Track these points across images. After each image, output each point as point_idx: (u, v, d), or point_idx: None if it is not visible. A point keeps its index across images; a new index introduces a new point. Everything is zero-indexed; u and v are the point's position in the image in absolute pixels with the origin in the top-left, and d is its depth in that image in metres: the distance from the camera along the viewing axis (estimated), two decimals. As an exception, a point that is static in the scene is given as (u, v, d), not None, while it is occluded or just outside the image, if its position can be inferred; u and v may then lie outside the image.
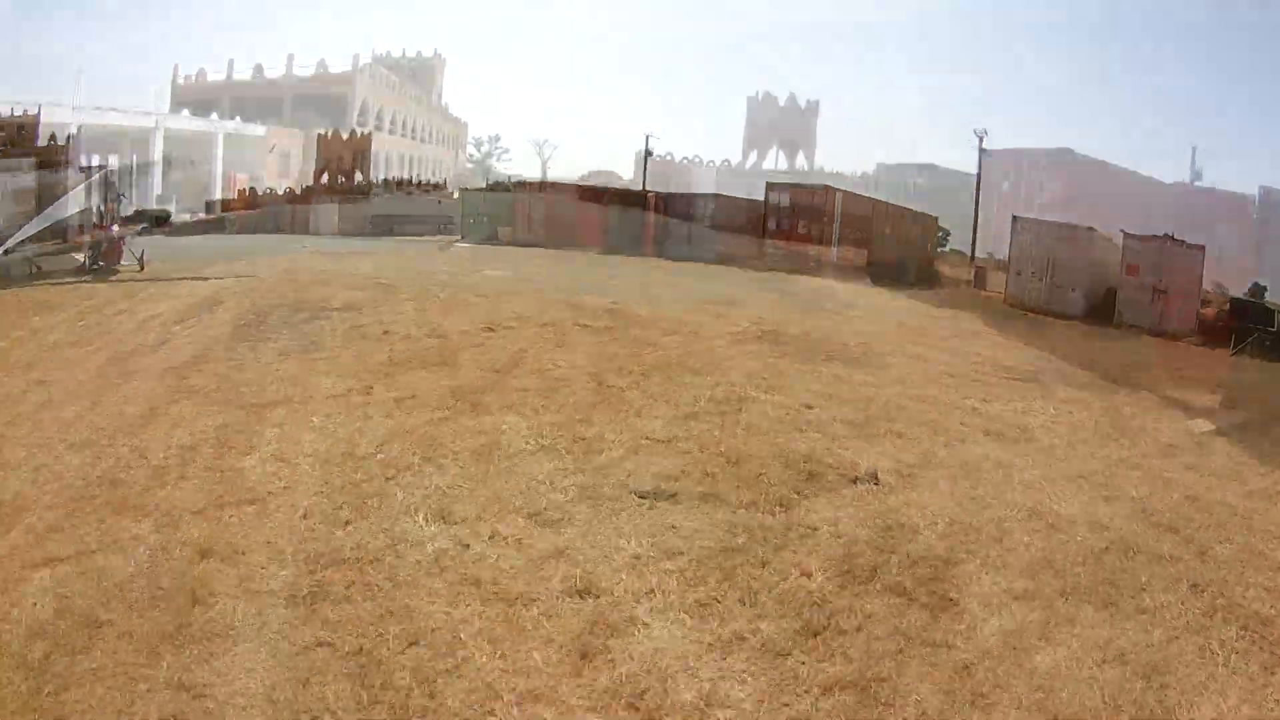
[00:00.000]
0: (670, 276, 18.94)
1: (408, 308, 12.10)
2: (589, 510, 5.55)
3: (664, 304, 14.13)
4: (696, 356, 10.31)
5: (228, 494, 5.58)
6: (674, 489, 5.93)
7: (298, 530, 5.10)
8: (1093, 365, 12.63)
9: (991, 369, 11.54)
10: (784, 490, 6.09)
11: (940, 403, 9.26)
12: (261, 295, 12.55)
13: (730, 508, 5.73)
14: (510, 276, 16.17)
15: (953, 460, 7.29)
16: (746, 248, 22.68)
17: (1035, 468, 7.30)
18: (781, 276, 20.62)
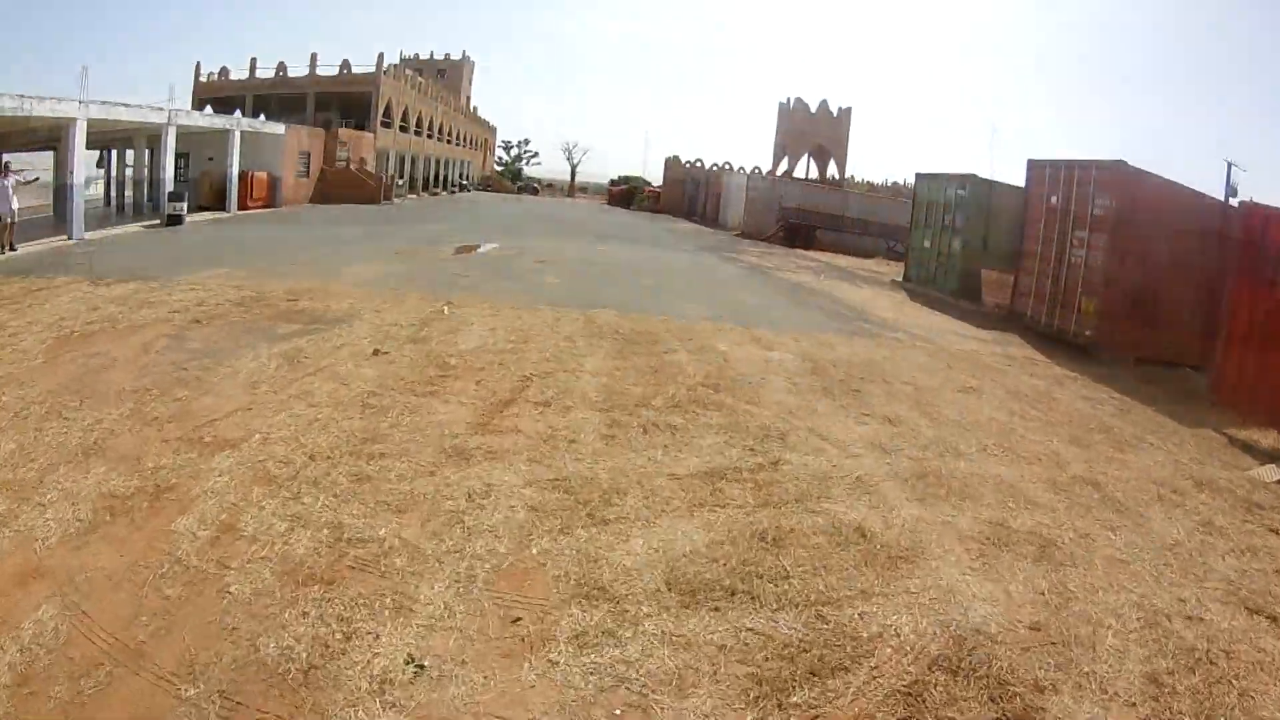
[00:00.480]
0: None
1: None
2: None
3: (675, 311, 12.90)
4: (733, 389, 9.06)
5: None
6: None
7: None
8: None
9: (1068, 415, 10.19)
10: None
11: (1015, 454, 7.92)
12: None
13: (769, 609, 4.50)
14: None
15: (1033, 535, 5.99)
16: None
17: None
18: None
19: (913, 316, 17.03)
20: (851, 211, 37.21)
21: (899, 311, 17.55)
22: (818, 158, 61.13)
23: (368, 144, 41.39)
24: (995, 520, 6.22)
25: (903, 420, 8.68)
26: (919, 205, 23.08)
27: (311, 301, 12.19)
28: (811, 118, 59.63)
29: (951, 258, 21.03)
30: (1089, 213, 15.21)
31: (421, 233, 24.62)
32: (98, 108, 19.75)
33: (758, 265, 24.98)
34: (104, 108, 20.09)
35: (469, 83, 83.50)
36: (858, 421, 8.46)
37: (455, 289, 14.02)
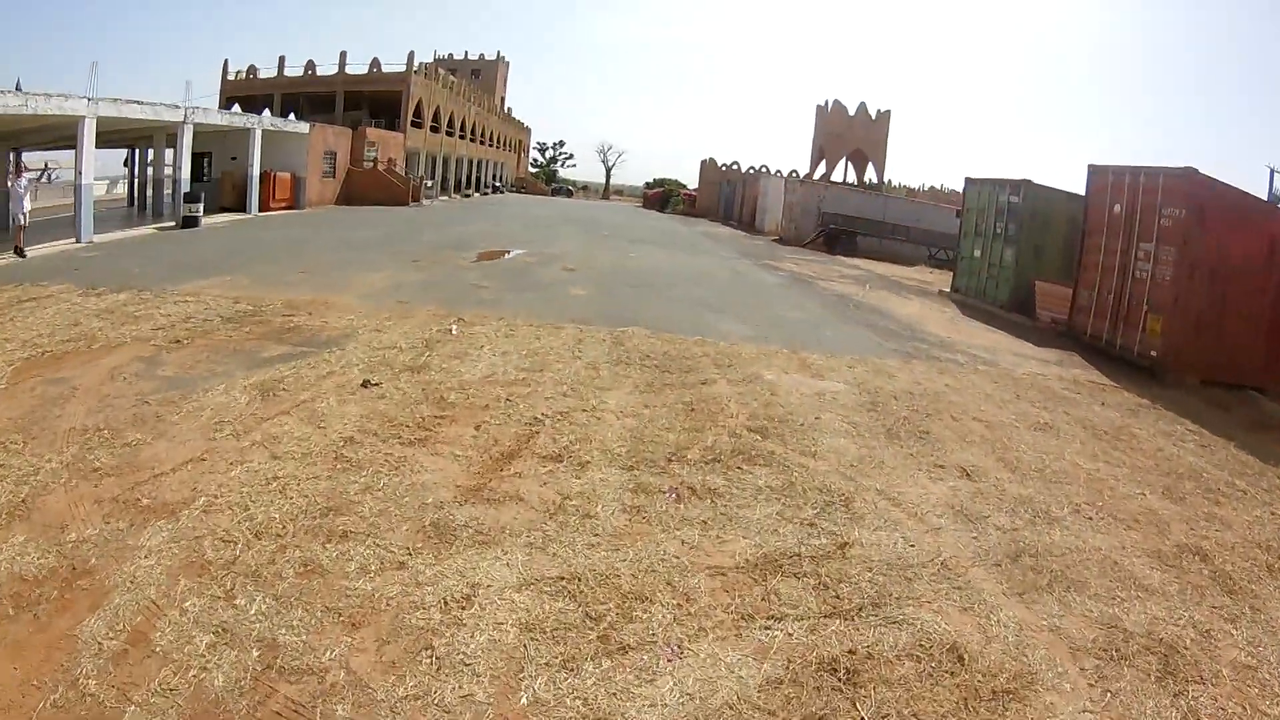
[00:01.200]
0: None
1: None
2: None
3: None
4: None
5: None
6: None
7: None
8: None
9: (1152, 457, 8.58)
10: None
11: (1110, 516, 6.39)
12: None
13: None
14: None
15: (1152, 638, 4.58)
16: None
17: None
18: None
19: (967, 334, 15.43)
20: (892, 217, 35.54)
21: (953, 328, 15.96)
22: (856, 161, 59.37)
23: (397, 144, 40.50)
24: (1107, 619, 4.86)
25: (981, 471, 7.22)
26: (968, 212, 21.47)
27: (309, 317, 10.98)
28: (849, 120, 57.97)
29: (1003, 268, 19.47)
30: (1155, 223, 13.64)
31: (446, 237, 23.45)
32: (107, 105, 18.84)
33: (798, 274, 23.44)
34: (114, 105, 19.19)
35: (504, 83, 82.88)
36: (931, 476, 6.99)
37: (470, 302, 12.73)
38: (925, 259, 32.88)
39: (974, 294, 20.45)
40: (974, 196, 21.29)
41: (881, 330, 14.48)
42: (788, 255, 30.11)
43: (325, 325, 10.45)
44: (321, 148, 32.84)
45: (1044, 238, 19.11)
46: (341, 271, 15.06)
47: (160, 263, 15.54)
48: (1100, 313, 14.86)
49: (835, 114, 58.30)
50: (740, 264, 24.61)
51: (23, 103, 16.33)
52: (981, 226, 20.60)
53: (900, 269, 29.58)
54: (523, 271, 17.07)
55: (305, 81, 41.52)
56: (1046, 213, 19.15)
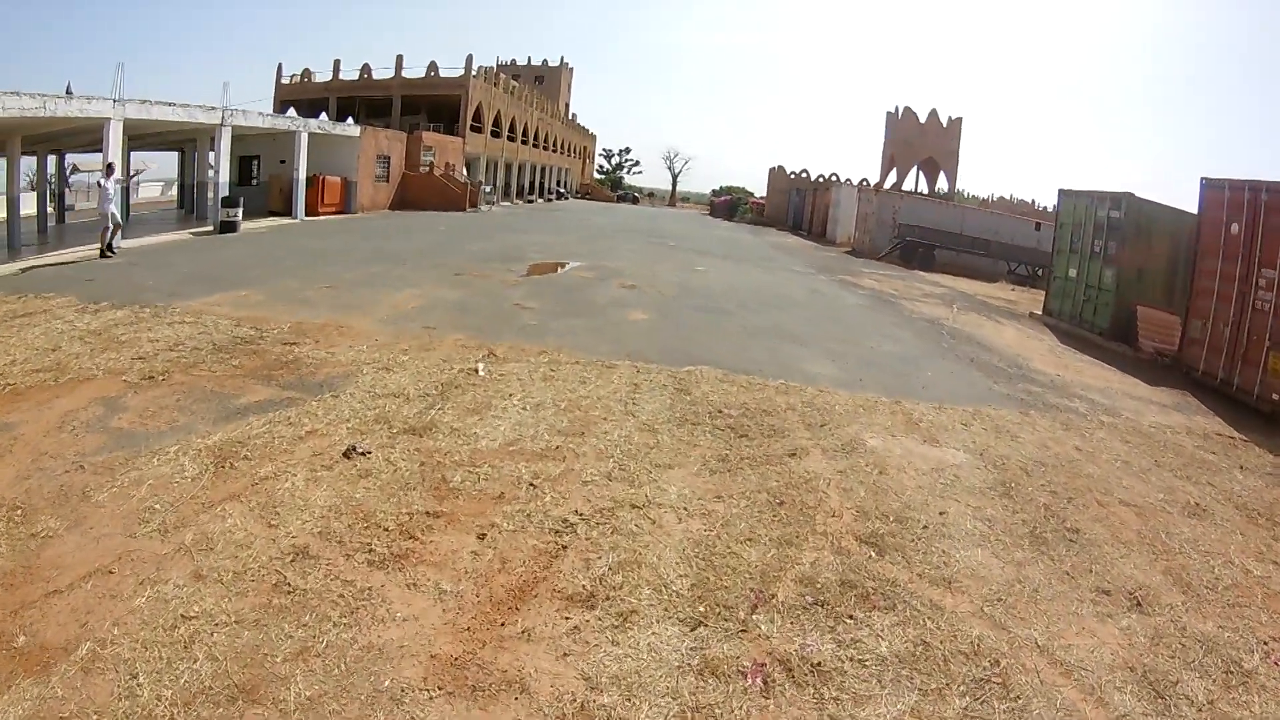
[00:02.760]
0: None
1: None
2: None
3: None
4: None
5: None
6: None
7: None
8: None
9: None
10: None
11: None
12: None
13: None
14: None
15: None
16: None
17: None
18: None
19: (1075, 370, 12.99)
20: (969, 229, 32.85)
21: (1057, 363, 13.52)
22: (926, 170, 56.29)
23: (455, 149, 39.21)
24: None
25: (1152, 597, 5.13)
26: (1062, 228, 19.01)
27: (314, 346, 9.23)
28: (921, 127, 55.05)
29: (1103, 291, 17.02)
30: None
31: (497, 247, 21.71)
32: (134, 107, 17.65)
33: (880, 292, 21.03)
34: (142, 107, 17.99)
35: (568, 89, 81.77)
36: (1098, 610, 4.85)
37: (509, 329, 10.83)
38: (1005, 274, 30.34)
39: (1069, 318, 18.04)
40: (1069, 210, 18.80)
41: (985, 367, 12.12)
42: (864, 270, 27.63)
43: (328, 359, 8.65)
44: (374, 151, 31.59)
45: (1146, 258, 16.77)
46: (370, 287, 13.36)
47: (178, 273, 14.18)
48: (1214, 347, 12.54)
49: (906, 121, 55.33)
50: (816, 280, 22.29)
51: (40, 105, 15.19)
52: (1077, 244, 18.20)
53: (981, 286, 26.91)
54: (575, 289, 15.13)
55: (361, 85, 40.57)
56: (1149, 230, 16.78)
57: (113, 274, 13.96)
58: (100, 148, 27.38)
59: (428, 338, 9.88)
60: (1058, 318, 18.44)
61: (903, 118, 55.76)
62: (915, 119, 55.55)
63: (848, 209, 41.16)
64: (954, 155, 56.21)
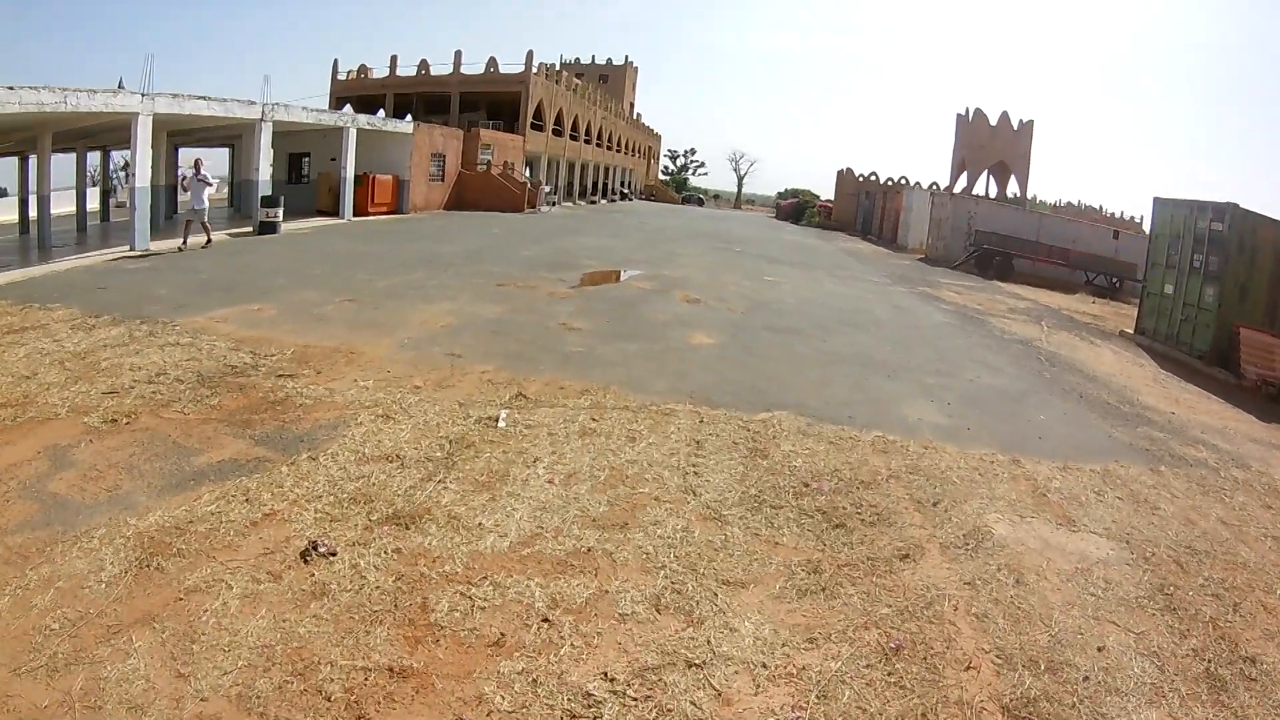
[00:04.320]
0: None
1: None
2: None
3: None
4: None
5: None
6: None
7: None
8: None
9: None
10: None
11: None
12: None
13: None
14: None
15: None
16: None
17: None
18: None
19: (1187, 406, 10.94)
20: (1046, 237, 30.38)
21: (1166, 395, 11.44)
22: (997, 174, 53.14)
23: (515, 147, 37.93)
24: None
25: None
26: (1157, 239, 16.77)
27: (312, 379, 7.73)
28: (992, 130, 52.04)
29: (1202, 310, 14.94)
30: None
31: (551, 252, 20.15)
32: (165, 101, 16.60)
33: (964, 307, 18.80)
34: (174, 101, 16.93)
35: (632, 89, 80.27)
36: None
37: (549, 358, 9.16)
38: (1083, 285, 27.91)
39: (1164, 338, 15.91)
40: (1164, 221, 16.50)
41: (1096, 404, 10.08)
42: (942, 280, 25.30)
43: (322, 400, 7.10)
44: (428, 149, 30.40)
45: (1249, 275, 14.70)
46: (399, 300, 11.88)
47: (196, 281, 13.00)
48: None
49: (977, 123, 52.29)
50: (895, 292, 20.15)
51: (60, 99, 14.20)
52: (1174, 257, 16.01)
53: (1062, 298, 24.41)
54: (632, 304, 13.39)
55: (418, 81, 39.50)
56: (1254, 244, 14.65)
57: (126, 281, 12.89)
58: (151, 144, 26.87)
59: (449, 369, 8.27)
60: (1152, 338, 16.28)
61: (973, 120, 52.81)
62: (986, 121, 52.59)
63: (920, 214, 38.78)
64: (1025, 159, 53.11)
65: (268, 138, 20.17)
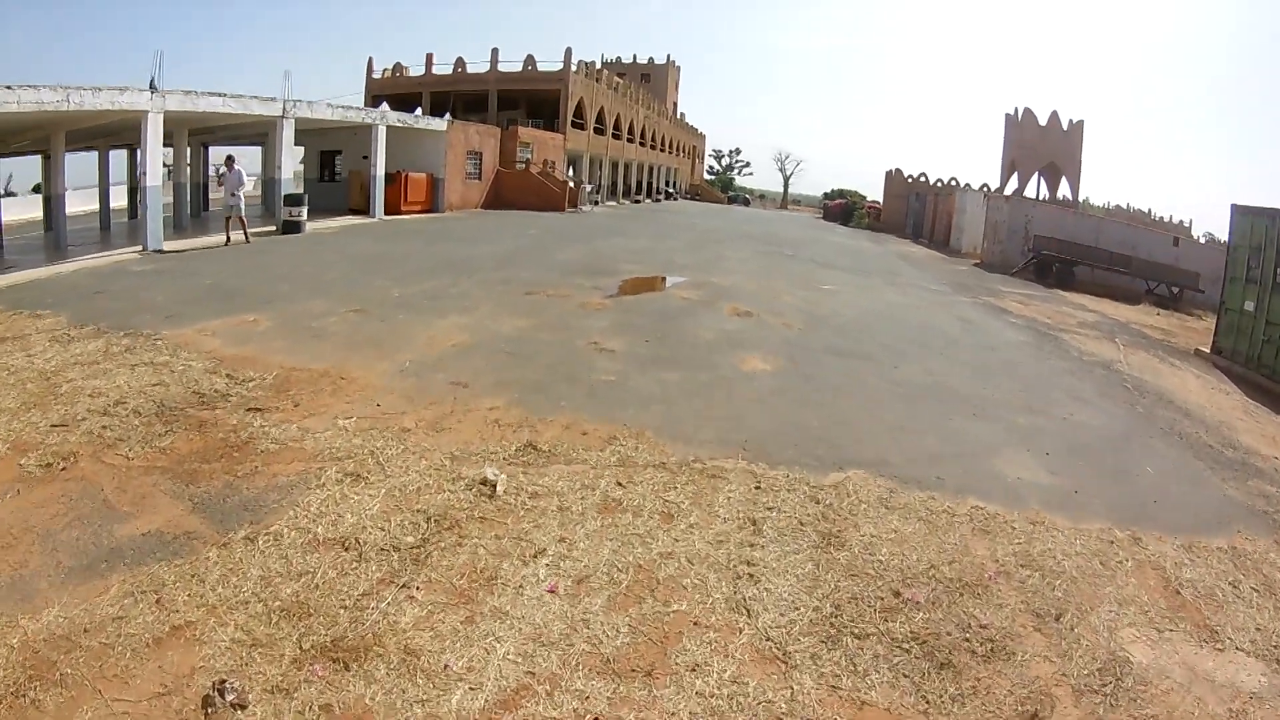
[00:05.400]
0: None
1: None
2: None
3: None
4: None
5: None
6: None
7: None
8: None
9: None
10: None
11: None
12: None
13: None
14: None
15: None
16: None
17: None
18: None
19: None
20: (1105, 243, 28.28)
21: (1263, 433, 9.65)
22: (1048, 176, 50.56)
23: (555, 146, 36.72)
24: None
25: None
26: (1236, 251, 14.82)
27: (287, 414, 6.50)
28: (1042, 130, 49.47)
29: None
30: None
31: (589, 254, 18.81)
32: (176, 98, 15.64)
33: (1033, 321, 16.98)
34: (186, 98, 15.96)
35: (675, 88, 78.77)
36: None
37: (572, 390, 7.77)
38: (1144, 295, 25.81)
39: (1244, 360, 13.97)
40: (1244, 231, 14.53)
41: (1200, 450, 8.38)
42: (1003, 289, 23.37)
43: (289, 445, 5.83)
44: (463, 147, 29.29)
45: None
46: (411, 313, 10.62)
47: (198, 286, 11.99)
48: None
49: (1027, 123, 49.72)
50: (958, 303, 18.38)
51: (63, 98, 13.36)
52: (1255, 271, 14.02)
53: (1125, 309, 22.39)
54: (675, 318, 11.91)
55: (455, 79, 38.43)
56: None
57: (126, 285, 11.96)
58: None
59: (450, 405, 6.93)
60: (1231, 359, 14.35)
61: (1023, 120, 50.29)
62: (1035, 121, 50.05)
63: (974, 217, 36.78)
64: (1076, 161, 50.44)
65: (290, 135, 19.16)
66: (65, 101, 13.36)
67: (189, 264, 14.20)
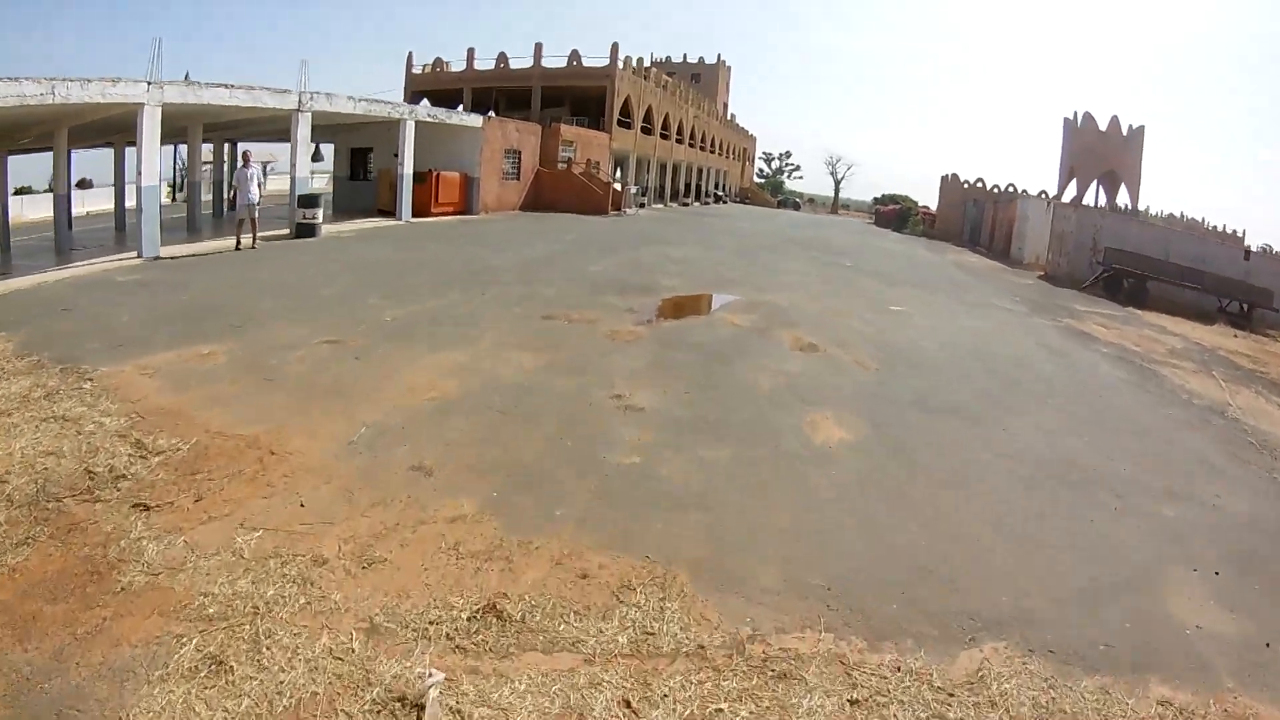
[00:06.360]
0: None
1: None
2: None
3: None
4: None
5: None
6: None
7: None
8: None
9: None
10: None
11: None
12: None
13: None
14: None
15: None
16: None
17: None
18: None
19: None
20: (1175, 256, 25.83)
21: None
22: (1106, 184, 47.25)
23: (600, 145, 34.90)
24: None
25: None
26: None
27: (181, 514, 4.74)
28: (1101, 136, 46.15)
29: None
30: None
31: (627, 265, 16.87)
32: (175, 90, 14.16)
33: (1123, 349, 14.50)
34: (187, 89, 14.47)
35: (726, 89, 76.59)
36: None
37: (577, 482, 5.72)
38: (1216, 313, 23.47)
39: None
40: None
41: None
42: (1078, 307, 20.79)
43: (162, 576, 4.02)
44: (501, 145, 27.60)
45: None
46: (398, 344, 8.80)
47: (169, 304, 10.49)
48: None
49: (1086, 129, 46.45)
50: (1039, 327, 15.93)
51: (47, 90, 12.02)
52: None
53: (1201, 329, 19.80)
54: (723, 355, 9.78)
55: (497, 75, 36.79)
56: None
57: (105, 299, 10.54)
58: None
59: (399, 508, 4.98)
60: None
61: (1082, 125, 47.08)
62: (1095, 126, 46.83)
63: (1037, 226, 34.18)
64: (1136, 168, 47.13)
65: (306, 130, 17.60)
66: (50, 94, 11.97)
67: (180, 274, 12.66)
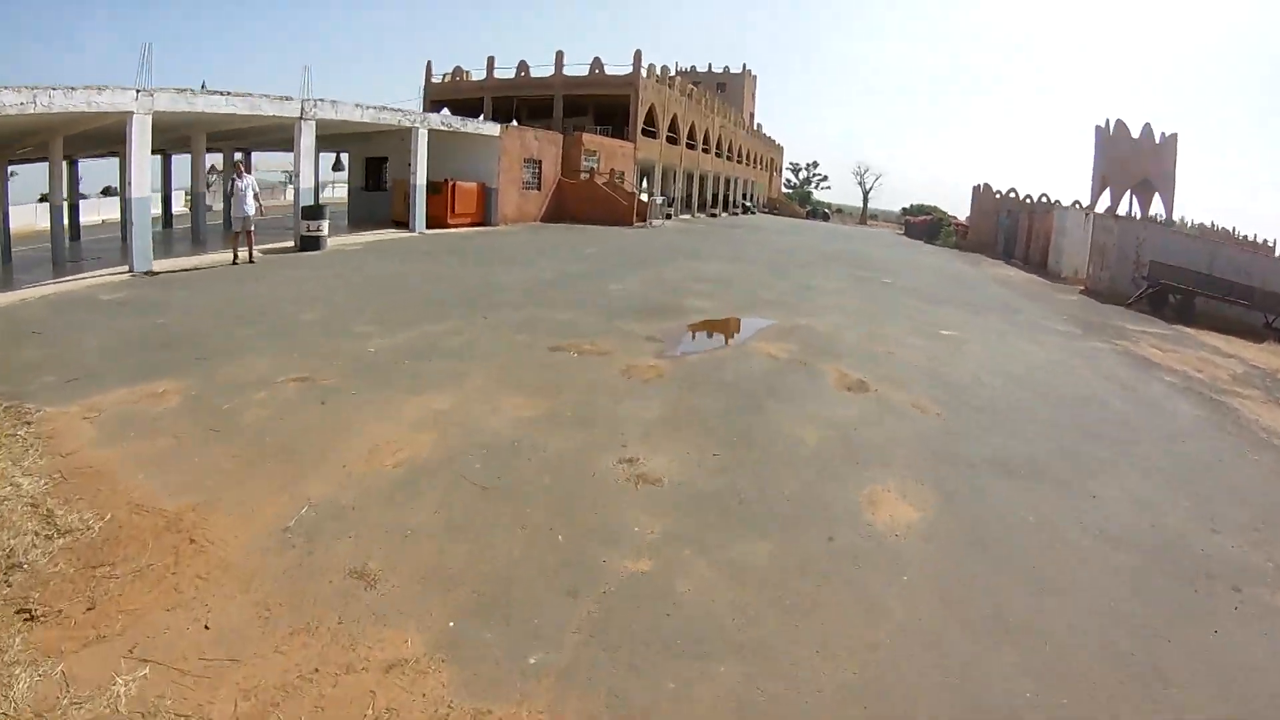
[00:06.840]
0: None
1: None
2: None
3: None
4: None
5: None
6: None
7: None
8: None
9: None
10: None
11: None
12: None
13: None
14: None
15: None
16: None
17: None
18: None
19: None
20: (1220, 269, 24.20)
21: None
22: (1139, 193, 45.36)
23: (625, 154, 33.89)
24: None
25: None
26: None
27: (62, 629, 3.66)
28: (1134, 145, 44.25)
29: None
30: None
31: (650, 284, 15.71)
32: (167, 98, 13.40)
33: (1186, 376, 12.96)
34: (179, 97, 13.66)
35: (752, 99, 75.65)
36: None
37: (566, 608, 4.35)
38: (1262, 328, 21.80)
39: None
40: None
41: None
42: (1126, 324, 19.23)
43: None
44: (520, 154, 26.65)
45: None
46: (374, 382, 7.70)
47: (139, 329, 9.61)
48: None
49: (1118, 136, 44.54)
50: (1098, 352, 14.44)
51: (29, 99, 11.29)
52: None
53: (1255, 350, 18.10)
54: (757, 399, 8.41)
55: (518, 84, 36.02)
56: None
57: (76, 322, 9.86)
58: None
59: (320, 645, 3.71)
60: None
61: (1115, 133, 45.22)
62: (1127, 134, 44.89)
63: (1076, 237, 32.70)
64: (1170, 177, 45.11)
65: (310, 139, 16.75)
66: (31, 103, 11.22)
67: (165, 292, 11.76)
